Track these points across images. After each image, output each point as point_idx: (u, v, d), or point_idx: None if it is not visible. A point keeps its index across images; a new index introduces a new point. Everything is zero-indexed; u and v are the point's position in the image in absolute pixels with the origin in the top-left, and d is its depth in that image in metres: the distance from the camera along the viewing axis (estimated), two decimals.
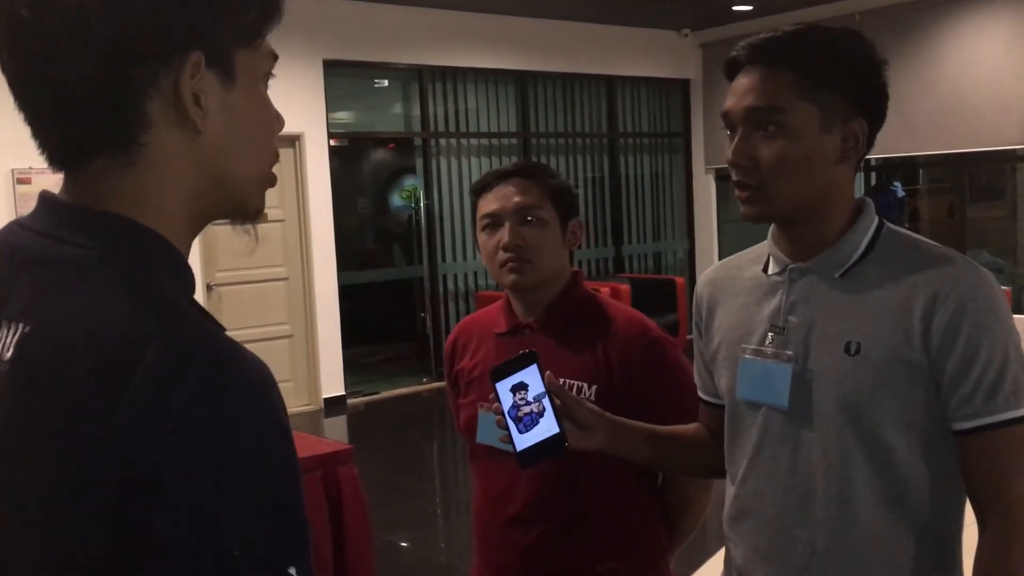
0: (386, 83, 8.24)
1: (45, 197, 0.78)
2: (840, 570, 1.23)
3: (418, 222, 8.20)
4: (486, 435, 1.58)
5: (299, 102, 7.10)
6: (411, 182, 8.32)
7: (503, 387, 1.32)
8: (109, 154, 0.75)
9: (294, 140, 7.14)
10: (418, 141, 8.16)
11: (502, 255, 1.62)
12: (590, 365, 1.61)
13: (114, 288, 0.71)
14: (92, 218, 0.75)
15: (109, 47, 0.72)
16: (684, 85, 9.72)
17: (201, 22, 0.75)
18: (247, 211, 0.85)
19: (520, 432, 1.30)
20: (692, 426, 1.51)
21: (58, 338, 0.69)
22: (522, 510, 1.61)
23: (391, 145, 9.56)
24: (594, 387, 1.59)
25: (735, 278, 1.39)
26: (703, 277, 1.46)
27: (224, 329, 0.75)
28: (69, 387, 0.68)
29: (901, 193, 9.22)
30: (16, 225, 0.78)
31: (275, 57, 0.83)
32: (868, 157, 1.37)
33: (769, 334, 1.28)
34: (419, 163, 8.22)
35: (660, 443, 1.47)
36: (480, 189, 1.69)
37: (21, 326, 0.71)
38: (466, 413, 1.72)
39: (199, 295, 6.65)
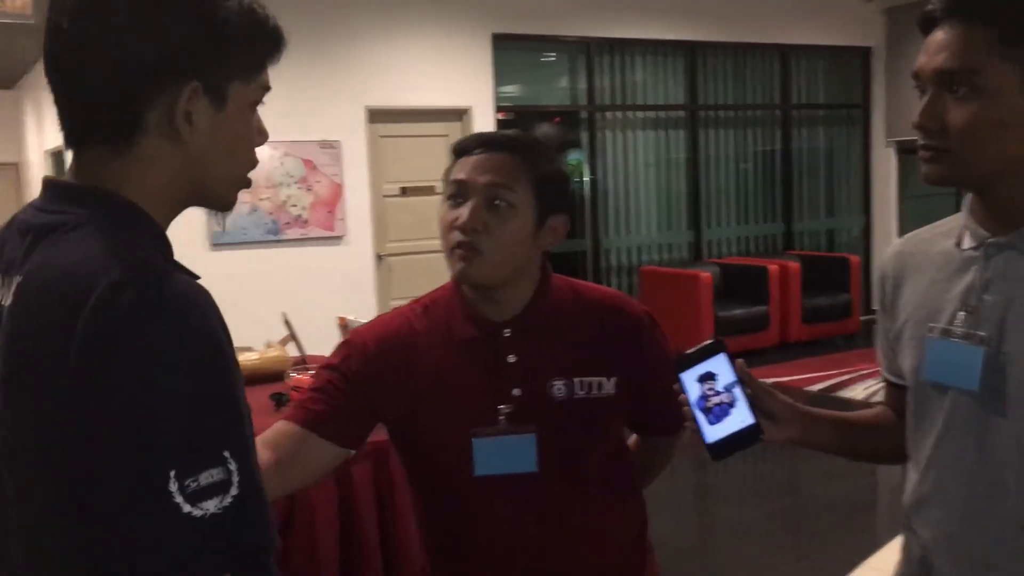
0: (553, 56, 8.25)
1: (44, 180, 0.98)
2: None
3: (583, 196, 8.19)
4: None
5: (468, 76, 7.22)
6: (576, 156, 8.31)
7: (689, 377, 1.25)
8: (107, 145, 0.93)
9: (461, 113, 7.27)
10: (584, 115, 8.14)
11: (455, 236, 1.41)
12: (598, 356, 1.48)
13: (85, 240, 0.89)
14: (76, 192, 0.94)
15: (124, 67, 0.91)
16: (865, 53, 9.23)
17: (205, 59, 0.93)
18: (220, 205, 1.03)
19: (710, 423, 1.23)
20: (876, 409, 1.43)
21: (41, 280, 0.88)
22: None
23: (557, 119, 9.59)
24: (613, 379, 1.48)
25: (925, 252, 1.29)
26: (889, 250, 1.37)
27: (194, 276, 0.92)
28: (47, 313, 0.86)
29: None
30: (29, 205, 0.98)
31: (267, 88, 1.00)
32: None
33: (960, 313, 1.20)
34: (585, 137, 8.21)
35: (849, 430, 1.40)
36: (460, 151, 1.48)
37: (17, 278, 0.91)
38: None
39: (370, 266, 6.93)
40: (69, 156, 0.97)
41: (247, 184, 1.03)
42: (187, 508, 0.81)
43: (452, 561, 1.53)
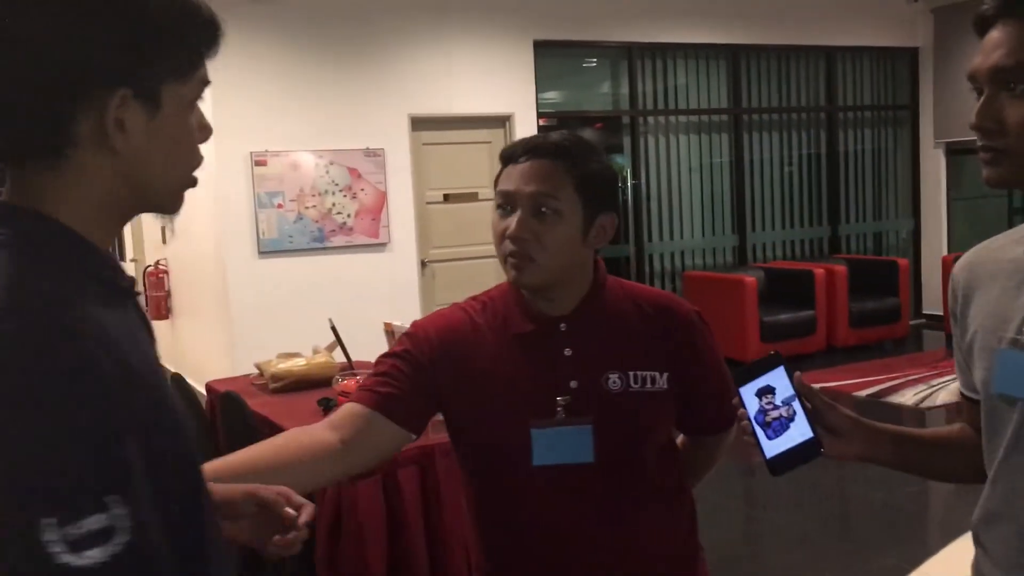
0: (594, 62, 8.25)
1: None
2: None
3: (625, 201, 8.18)
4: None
5: (509, 83, 7.25)
6: (618, 161, 8.29)
7: (747, 391, 1.23)
8: (37, 161, 0.87)
9: (504, 120, 7.30)
10: (626, 120, 8.13)
11: (507, 245, 1.47)
12: (651, 352, 1.51)
13: None
14: (2, 212, 0.88)
15: (49, 77, 0.83)
16: (912, 54, 9.10)
17: (133, 63, 0.86)
18: (165, 209, 0.97)
19: (769, 438, 1.21)
20: (955, 426, 1.38)
21: None
22: None
23: (598, 124, 9.58)
24: (665, 374, 1.51)
25: (995, 260, 1.25)
26: (960, 261, 1.32)
27: (133, 294, 0.92)
28: None
29: None
30: None
31: (206, 83, 0.94)
32: None
33: None
34: (627, 142, 8.19)
35: (918, 446, 1.36)
36: (506, 158, 1.51)
37: None
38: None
39: (414, 272, 6.98)
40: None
41: (193, 184, 0.97)
42: (66, 558, 0.75)
43: (507, 557, 1.55)
